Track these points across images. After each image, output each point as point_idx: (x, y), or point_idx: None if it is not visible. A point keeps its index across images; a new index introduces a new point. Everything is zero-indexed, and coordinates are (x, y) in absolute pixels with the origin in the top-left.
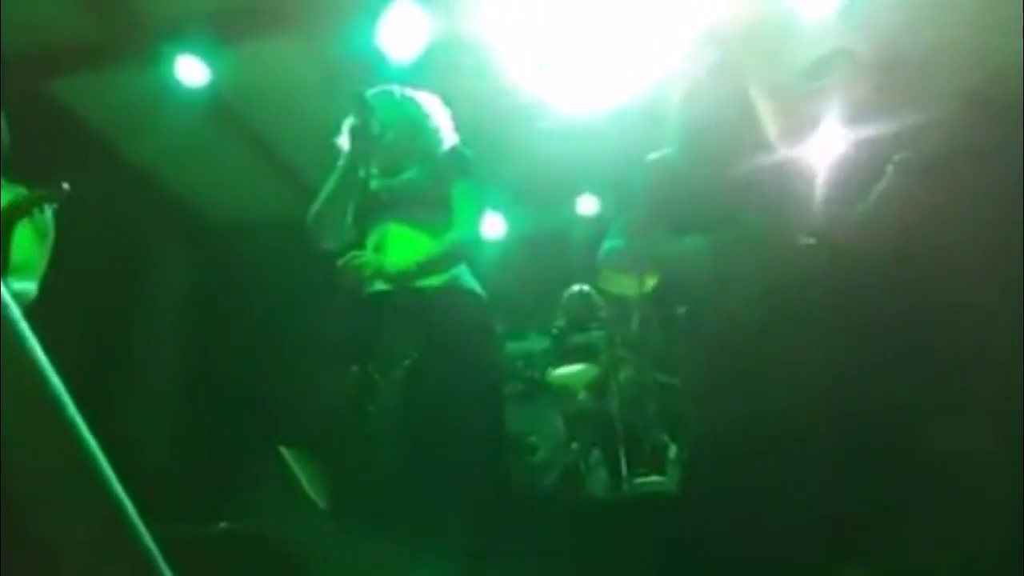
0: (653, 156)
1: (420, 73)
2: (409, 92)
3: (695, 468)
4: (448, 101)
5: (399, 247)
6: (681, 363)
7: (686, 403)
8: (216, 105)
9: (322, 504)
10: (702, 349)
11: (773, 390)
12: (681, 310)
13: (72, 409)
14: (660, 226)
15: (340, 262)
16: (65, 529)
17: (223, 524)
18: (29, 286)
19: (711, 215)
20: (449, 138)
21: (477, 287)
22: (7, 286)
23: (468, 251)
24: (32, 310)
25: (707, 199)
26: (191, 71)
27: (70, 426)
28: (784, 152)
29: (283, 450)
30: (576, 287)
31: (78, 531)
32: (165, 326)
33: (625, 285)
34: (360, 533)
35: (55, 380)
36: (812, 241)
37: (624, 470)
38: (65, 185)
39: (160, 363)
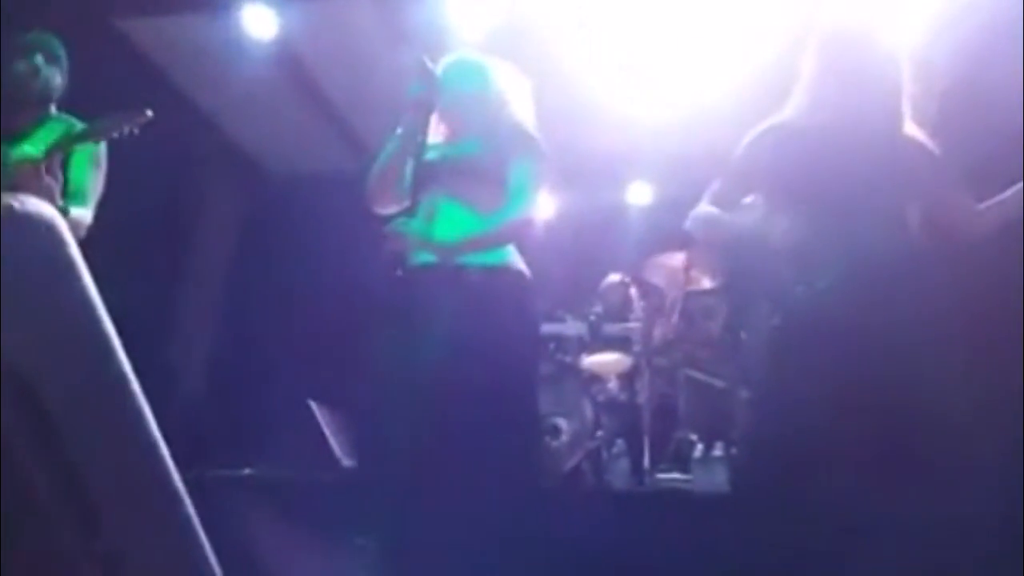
0: (764, 125)
1: (486, 44)
2: (485, 59)
3: (747, 469)
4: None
5: (449, 220)
6: (739, 360)
7: (728, 402)
8: (283, 57)
9: (346, 460)
10: (775, 347)
11: (848, 400)
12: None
13: (117, 345)
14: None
15: (387, 228)
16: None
17: (248, 470)
18: (85, 213)
19: (824, 197)
20: (520, 111)
21: (523, 267)
22: (64, 210)
23: (519, 232)
24: (84, 241)
25: (824, 175)
26: (261, 22)
27: (114, 360)
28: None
29: (313, 404)
30: (617, 276)
31: (112, 462)
32: (209, 269)
33: (670, 278)
34: (381, 490)
35: (102, 314)
36: (925, 241)
37: (647, 463)
38: (149, 112)
39: (201, 303)
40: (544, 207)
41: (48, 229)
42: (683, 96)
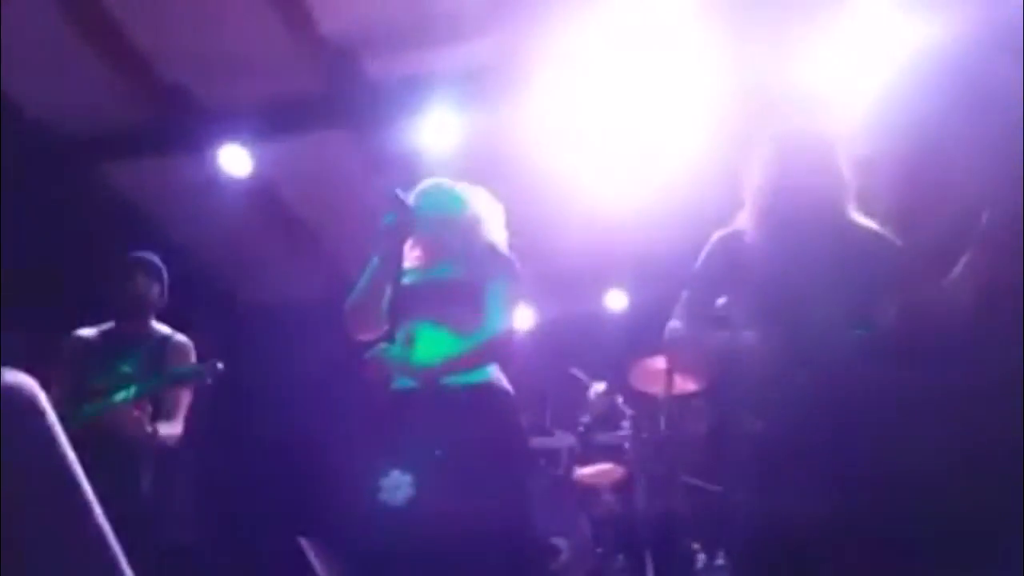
0: (721, 232)
1: (458, 168)
2: (457, 186)
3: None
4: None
5: (428, 343)
6: (721, 464)
7: (722, 506)
8: (261, 192)
9: None
10: (752, 450)
11: (825, 496)
12: (720, 409)
13: (93, 503)
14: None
15: (367, 355)
16: None
17: None
18: (174, 429)
19: (783, 301)
20: (493, 233)
21: (506, 384)
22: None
23: (498, 352)
24: None
25: (781, 283)
26: (237, 160)
27: (90, 517)
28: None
29: (302, 541)
30: (602, 384)
31: None
32: (192, 403)
33: (654, 383)
34: None
35: (79, 475)
36: (884, 333)
37: None
38: (220, 365)
39: (184, 441)
40: (522, 322)
41: (29, 401)
42: (650, 197)
